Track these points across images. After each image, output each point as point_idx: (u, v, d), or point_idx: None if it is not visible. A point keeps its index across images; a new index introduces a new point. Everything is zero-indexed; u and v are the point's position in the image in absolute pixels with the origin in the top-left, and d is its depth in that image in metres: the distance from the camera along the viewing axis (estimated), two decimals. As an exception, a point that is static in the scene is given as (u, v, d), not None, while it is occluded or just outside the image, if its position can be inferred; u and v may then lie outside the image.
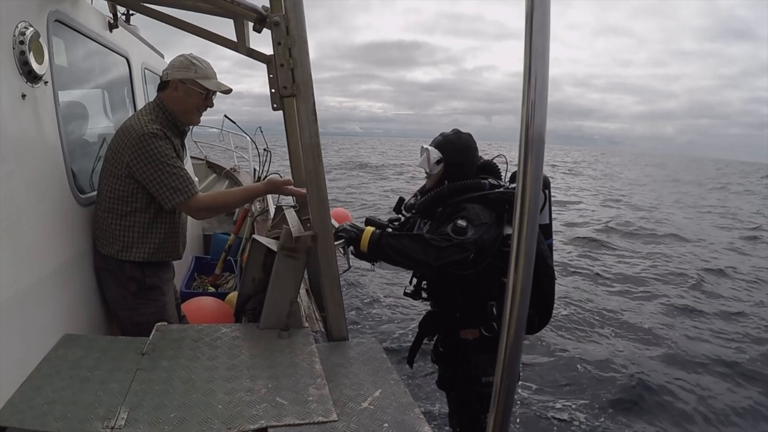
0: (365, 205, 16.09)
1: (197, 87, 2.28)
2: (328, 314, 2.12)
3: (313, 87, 1.89)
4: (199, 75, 2.27)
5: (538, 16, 0.96)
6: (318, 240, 1.99)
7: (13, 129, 1.80)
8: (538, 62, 0.96)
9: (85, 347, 1.92)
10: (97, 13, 2.75)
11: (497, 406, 1.13)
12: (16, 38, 1.83)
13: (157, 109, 2.29)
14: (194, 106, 2.33)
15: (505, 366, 1.09)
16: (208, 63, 2.32)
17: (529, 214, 1.02)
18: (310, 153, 1.91)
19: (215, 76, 2.34)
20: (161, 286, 2.37)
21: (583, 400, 4.55)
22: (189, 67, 2.27)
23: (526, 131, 0.99)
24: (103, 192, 2.24)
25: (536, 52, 0.96)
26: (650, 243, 12.23)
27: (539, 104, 0.99)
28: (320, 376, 1.78)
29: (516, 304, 1.07)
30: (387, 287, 7.20)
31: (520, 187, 1.01)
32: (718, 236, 13.93)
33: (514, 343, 1.08)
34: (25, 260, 1.81)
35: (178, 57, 2.31)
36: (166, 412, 1.55)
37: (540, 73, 0.98)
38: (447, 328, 2.71)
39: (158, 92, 2.35)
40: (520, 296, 1.07)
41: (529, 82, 0.98)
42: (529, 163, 1.00)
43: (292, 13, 1.82)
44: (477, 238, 2.30)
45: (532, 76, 0.98)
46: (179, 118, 2.33)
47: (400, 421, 1.58)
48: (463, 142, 2.64)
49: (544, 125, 1.00)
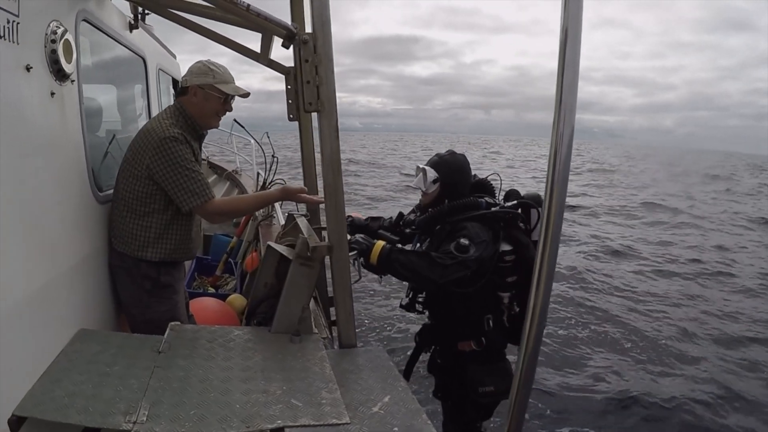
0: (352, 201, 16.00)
1: (216, 92, 2.33)
2: (339, 322, 2.19)
3: (336, 104, 1.97)
4: (217, 80, 2.32)
5: (572, 32, 1.05)
6: (333, 251, 2.07)
7: (41, 126, 1.85)
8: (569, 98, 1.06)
9: (101, 343, 1.96)
10: (119, 13, 2.80)
11: (512, 415, 1.22)
12: (48, 36, 1.88)
13: (177, 113, 2.34)
14: (213, 111, 2.38)
15: (522, 375, 1.18)
16: (225, 68, 2.37)
17: (552, 235, 1.12)
18: (330, 168, 1.99)
19: (233, 80, 2.39)
20: (174, 284, 2.42)
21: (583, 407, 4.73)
22: (207, 72, 2.32)
23: (554, 159, 1.09)
24: (122, 191, 2.28)
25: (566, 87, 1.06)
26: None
27: (566, 142, 1.09)
28: (332, 380, 1.85)
29: (536, 319, 1.16)
30: (386, 299, 7.27)
31: (545, 218, 1.11)
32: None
33: (532, 354, 1.17)
34: (47, 255, 1.85)
35: (196, 63, 2.36)
36: (185, 409, 1.60)
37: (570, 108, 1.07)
38: (444, 341, 2.80)
39: (177, 97, 2.41)
40: (540, 312, 1.16)
41: (559, 117, 1.08)
42: (553, 200, 1.10)
43: (320, 32, 1.90)
44: (478, 255, 2.40)
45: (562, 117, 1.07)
46: (198, 123, 2.38)
47: (409, 426, 1.66)
48: (458, 163, 2.75)
49: (569, 160, 1.10)
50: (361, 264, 2.43)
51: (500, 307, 2.67)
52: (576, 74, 1.07)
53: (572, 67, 1.06)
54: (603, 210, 17.31)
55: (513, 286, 2.64)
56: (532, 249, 2.62)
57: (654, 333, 6.71)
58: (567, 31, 1.05)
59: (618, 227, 14.48)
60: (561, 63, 1.06)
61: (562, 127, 1.08)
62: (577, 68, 1.07)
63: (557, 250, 1.15)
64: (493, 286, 2.62)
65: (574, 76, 1.07)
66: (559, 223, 1.12)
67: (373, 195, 18.52)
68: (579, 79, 1.08)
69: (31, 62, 1.75)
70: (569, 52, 1.06)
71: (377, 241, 2.44)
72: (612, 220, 15.72)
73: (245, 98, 2.47)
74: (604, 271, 9.66)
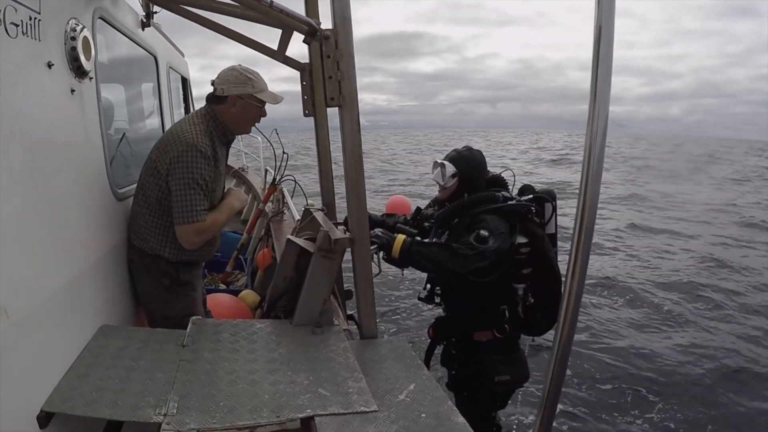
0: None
1: (255, 101, 2.29)
2: (361, 313, 2.21)
3: (357, 99, 1.98)
4: (256, 89, 2.28)
5: (605, 37, 1.08)
6: (355, 243, 2.09)
7: (62, 123, 1.86)
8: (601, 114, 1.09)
9: (124, 338, 1.99)
10: (132, 12, 2.82)
11: (545, 405, 1.24)
12: (68, 34, 1.89)
13: (208, 118, 2.30)
14: (251, 119, 2.36)
15: (556, 365, 1.21)
16: (259, 74, 2.31)
17: (586, 227, 1.14)
18: (353, 162, 2.01)
19: (267, 86, 2.34)
20: (192, 281, 2.43)
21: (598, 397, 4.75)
22: (246, 82, 2.26)
23: (588, 158, 1.12)
24: (145, 188, 2.27)
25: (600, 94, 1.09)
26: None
27: (600, 134, 1.11)
28: (357, 370, 1.87)
29: (570, 310, 1.18)
30: (403, 291, 7.30)
31: (581, 206, 1.14)
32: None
33: (566, 344, 1.20)
34: (70, 253, 1.86)
35: (230, 71, 2.29)
36: (215, 401, 1.62)
37: (602, 115, 1.10)
38: (461, 331, 2.84)
39: (210, 104, 2.34)
40: (573, 302, 1.18)
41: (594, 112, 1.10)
42: (588, 188, 1.13)
43: (341, 28, 1.92)
44: (497, 247, 2.45)
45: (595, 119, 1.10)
46: (231, 129, 2.35)
47: (436, 412, 1.68)
48: (476, 158, 2.80)
49: (602, 155, 1.13)
50: (383, 258, 2.46)
51: (515, 299, 2.70)
52: (609, 69, 1.11)
53: (606, 62, 1.09)
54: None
55: (528, 278, 2.68)
56: (546, 241, 2.67)
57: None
58: (600, 28, 1.08)
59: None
60: (595, 59, 1.10)
61: (597, 123, 1.12)
62: (611, 63, 1.11)
63: (590, 244, 1.18)
64: (509, 278, 2.67)
65: (608, 72, 1.11)
66: (593, 214, 1.15)
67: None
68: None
69: (52, 59, 1.76)
70: (603, 48, 1.09)
71: (398, 235, 2.48)
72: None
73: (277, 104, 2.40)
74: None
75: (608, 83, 1.10)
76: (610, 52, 1.09)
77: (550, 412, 1.27)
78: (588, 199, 1.14)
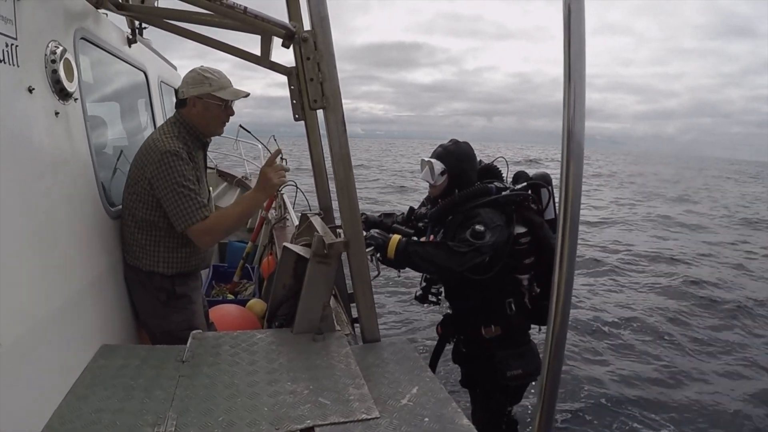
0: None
1: (214, 100, 2.28)
2: (361, 317, 2.18)
3: (341, 99, 1.95)
4: (214, 87, 2.26)
5: (575, 31, 1.04)
6: (350, 246, 2.06)
7: (48, 147, 1.84)
8: (577, 86, 1.04)
9: (124, 357, 1.97)
10: (117, 29, 2.81)
11: (543, 398, 1.19)
12: (48, 57, 1.88)
13: (178, 125, 2.30)
14: (216, 119, 2.34)
15: (551, 358, 1.16)
16: (221, 72, 2.30)
17: (571, 218, 1.10)
18: (341, 163, 1.98)
19: (230, 84, 2.32)
20: (190, 294, 2.40)
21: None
22: (203, 81, 2.26)
23: (567, 141, 1.07)
24: (129, 206, 2.26)
25: (575, 74, 1.05)
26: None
27: (578, 117, 1.07)
28: (358, 376, 1.84)
29: (561, 300, 1.14)
30: (407, 291, 7.27)
31: (563, 193, 1.10)
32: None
33: (560, 335, 1.15)
34: (64, 274, 1.85)
35: (190, 73, 2.31)
36: (214, 416, 1.60)
37: (579, 91, 1.05)
38: (468, 329, 2.79)
39: (177, 109, 2.36)
40: (564, 292, 1.13)
41: (569, 95, 1.06)
42: (570, 172, 1.08)
43: (319, 28, 1.89)
44: (494, 240, 2.40)
45: (571, 95, 1.06)
46: (202, 132, 2.35)
47: (440, 415, 1.64)
48: (463, 151, 2.75)
49: (582, 135, 1.08)
50: (378, 259, 2.42)
51: (520, 290, 2.66)
52: (583, 45, 1.05)
53: (578, 34, 1.04)
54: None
55: (531, 268, 2.63)
56: (546, 228, 2.61)
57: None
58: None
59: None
60: (566, 32, 1.05)
61: (573, 110, 1.08)
62: (584, 38, 1.06)
63: (577, 229, 1.14)
64: (511, 269, 2.62)
65: (581, 46, 1.06)
66: (578, 201, 1.12)
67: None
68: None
69: (33, 83, 1.74)
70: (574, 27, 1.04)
71: (393, 236, 2.44)
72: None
73: (246, 98, 2.39)
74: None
75: (582, 55, 1.06)
76: (582, 28, 1.05)
77: (550, 406, 1.23)
78: (571, 187, 1.09)
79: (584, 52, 1.06)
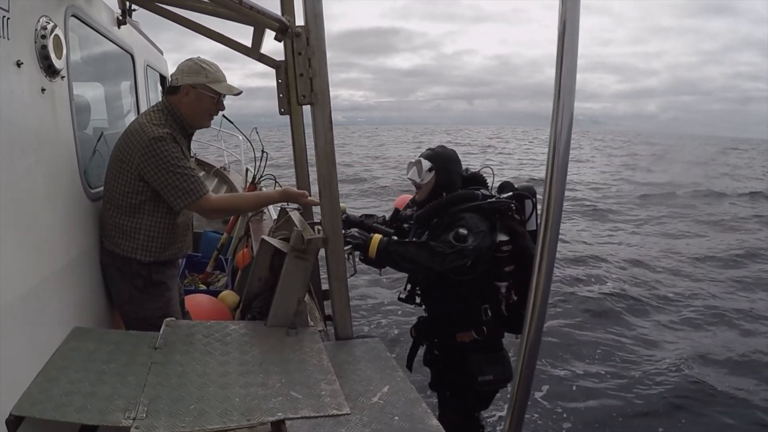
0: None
1: (208, 91, 2.27)
2: (335, 314, 2.20)
3: (330, 96, 1.97)
4: (210, 79, 2.26)
5: (570, 31, 1.06)
6: (328, 243, 2.08)
7: (32, 123, 1.82)
8: (566, 103, 1.07)
9: (96, 340, 1.95)
10: (108, 9, 2.78)
11: (514, 404, 1.23)
12: (38, 32, 1.86)
13: (165, 112, 2.28)
14: (206, 111, 2.33)
15: (524, 364, 1.19)
16: (217, 66, 2.31)
17: (552, 223, 1.13)
18: (325, 159, 2.00)
19: (225, 78, 2.33)
20: (167, 282, 2.39)
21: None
22: (199, 71, 2.26)
23: (553, 153, 1.10)
24: (111, 190, 2.25)
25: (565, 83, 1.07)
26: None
27: (565, 132, 1.10)
28: (330, 372, 1.85)
29: (537, 307, 1.17)
30: (382, 291, 7.27)
31: (546, 201, 1.13)
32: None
33: (534, 342, 1.18)
34: (41, 254, 1.84)
35: (186, 62, 2.30)
36: (185, 404, 1.60)
37: (567, 106, 1.08)
38: (443, 332, 2.83)
39: (166, 95, 2.34)
40: (541, 299, 1.17)
41: (559, 102, 1.09)
42: (554, 182, 1.11)
43: (312, 24, 1.90)
44: (476, 245, 2.44)
45: (559, 111, 1.08)
46: (188, 122, 2.34)
47: (410, 415, 1.68)
48: (450, 154, 2.83)
49: (568, 149, 1.11)
50: (360, 258, 2.45)
51: (498, 297, 2.71)
52: (575, 60, 1.08)
53: (571, 54, 1.07)
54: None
55: (510, 276, 2.68)
56: (528, 238, 2.67)
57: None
58: (565, 22, 1.06)
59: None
60: (560, 51, 1.07)
61: (561, 115, 1.09)
62: (576, 55, 1.08)
63: (557, 239, 1.15)
64: (491, 276, 2.67)
65: (573, 64, 1.08)
66: (559, 210, 1.13)
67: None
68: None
69: (22, 58, 1.73)
70: (567, 41, 1.07)
71: (374, 235, 2.47)
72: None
73: (237, 96, 2.41)
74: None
75: (574, 71, 1.08)
76: (575, 48, 1.07)
77: (520, 414, 1.26)
78: (554, 194, 1.11)
79: (575, 69, 1.08)
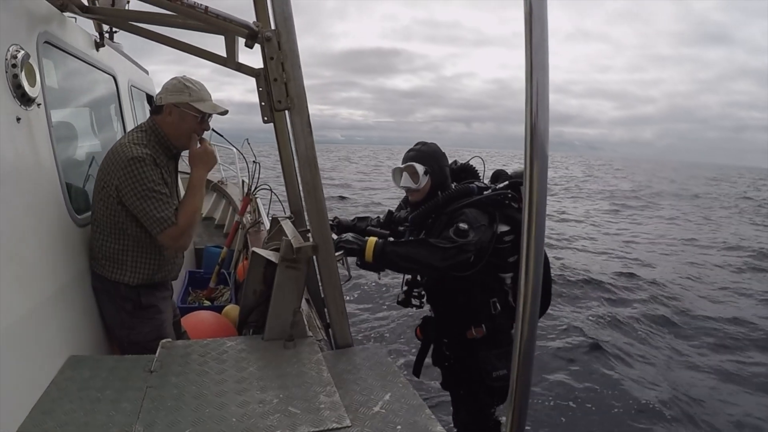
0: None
1: (192, 110, 2.23)
2: (332, 322, 2.15)
3: (306, 100, 1.92)
4: (194, 98, 2.22)
5: (537, 29, 1.01)
6: (318, 250, 2.03)
7: (9, 153, 1.79)
8: (539, 73, 1.00)
9: (91, 368, 1.92)
10: (83, 33, 2.75)
11: (514, 401, 1.17)
12: (8, 62, 1.83)
13: (149, 132, 2.25)
14: (189, 131, 2.27)
15: (521, 361, 1.14)
16: (202, 84, 2.27)
17: (537, 216, 1.08)
18: (307, 165, 1.95)
19: (210, 97, 2.28)
20: (157, 304, 2.35)
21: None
22: (182, 90, 2.21)
23: (531, 140, 1.04)
24: (97, 213, 2.21)
25: (537, 64, 1.01)
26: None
27: (542, 114, 1.03)
28: (329, 383, 1.81)
29: (528, 303, 1.12)
30: (381, 296, 7.22)
31: (528, 193, 1.07)
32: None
33: (529, 338, 1.13)
34: (28, 283, 1.80)
35: (171, 80, 2.26)
36: (180, 428, 1.56)
37: (541, 81, 1.02)
38: (452, 330, 2.78)
39: (151, 115, 2.30)
40: (531, 295, 1.12)
41: (531, 90, 1.02)
42: (534, 170, 1.05)
43: (282, 27, 1.86)
44: (477, 239, 2.39)
45: (534, 85, 1.02)
46: (173, 143, 2.29)
47: (413, 423, 1.62)
48: (435, 149, 2.76)
49: (546, 133, 1.05)
50: (356, 264, 2.39)
51: (504, 289, 2.65)
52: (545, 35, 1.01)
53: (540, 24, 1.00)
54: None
55: (514, 266, 2.62)
56: None
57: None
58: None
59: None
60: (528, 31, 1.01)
61: (536, 106, 1.03)
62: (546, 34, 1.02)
63: (543, 231, 1.13)
64: (495, 268, 2.62)
65: (544, 37, 1.02)
66: (543, 201, 1.09)
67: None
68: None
69: None
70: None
71: (369, 238, 2.41)
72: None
73: (223, 116, 2.36)
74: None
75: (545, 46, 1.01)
76: (545, 53, 1.01)
77: (521, 411, 1.20)
78: (536, 189, 1.07)
79: (546, 46, 1.01)
